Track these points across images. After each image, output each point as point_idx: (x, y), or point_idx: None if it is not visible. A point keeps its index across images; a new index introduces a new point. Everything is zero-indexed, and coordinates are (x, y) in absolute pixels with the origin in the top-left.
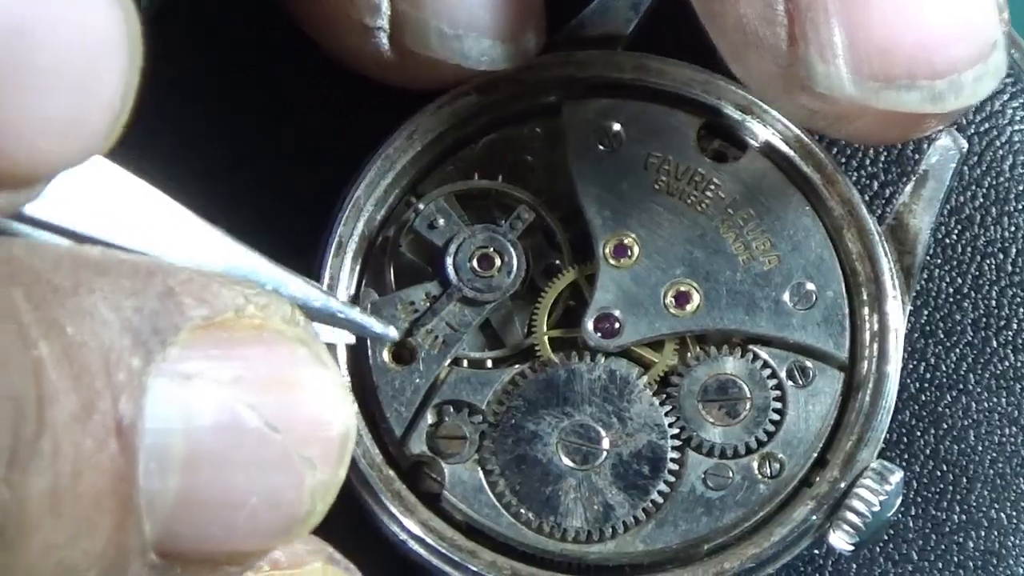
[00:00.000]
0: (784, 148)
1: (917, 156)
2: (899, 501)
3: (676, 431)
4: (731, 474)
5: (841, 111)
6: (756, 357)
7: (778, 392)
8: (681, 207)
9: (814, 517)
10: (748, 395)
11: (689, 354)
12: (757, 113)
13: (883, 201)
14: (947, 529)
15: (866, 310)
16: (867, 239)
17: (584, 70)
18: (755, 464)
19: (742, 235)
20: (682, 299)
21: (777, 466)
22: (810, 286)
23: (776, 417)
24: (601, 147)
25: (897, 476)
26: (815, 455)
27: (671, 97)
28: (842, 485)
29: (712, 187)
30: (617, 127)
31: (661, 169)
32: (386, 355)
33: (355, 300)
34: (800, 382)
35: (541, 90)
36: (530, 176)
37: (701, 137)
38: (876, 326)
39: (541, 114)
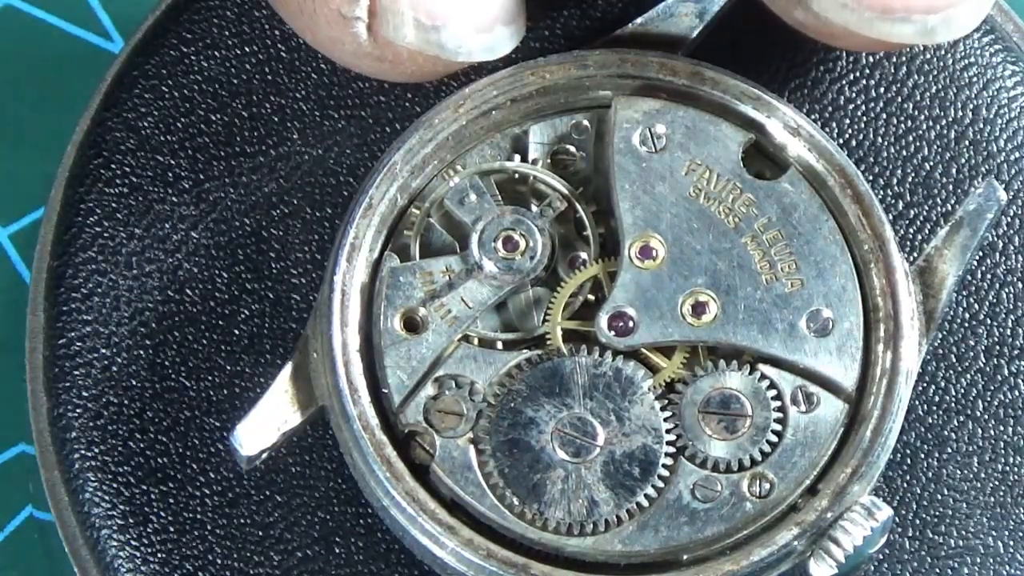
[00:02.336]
0: (825, 174)
1: (957, 203)
2: (884, 539)
3: (672, 438)
4: (720, 488)
5: (831, 32)
6: (763, 376)
7: (780, 414)
8: (713, 218)
9: (796, 543)
10: (749, 412)
11: (698, 364)
12: (803, 136)
13: (916, 242)
14: (943, 553)
15: (881, 346)
16: (893, 276)
17: (639, 70)
18: (745, 482)
19: (769, 254)
20: (699, 309)
21: (767, 487)
22: (828, 314)
23: (774, 439)
24: (644, 147)
25: (885, 514)
26: (807, 482)
27: (721, 108)
28: (829, 515)
29: (747, 202)
30: (663, 129)
31: (700, 177)
32: (397, 322)
33: (379, 262)
34: (803, 407)
35: (595, 84)
36: (571, 167)
37: (747, 153)
38: (888, 364)
39: (592, 107)
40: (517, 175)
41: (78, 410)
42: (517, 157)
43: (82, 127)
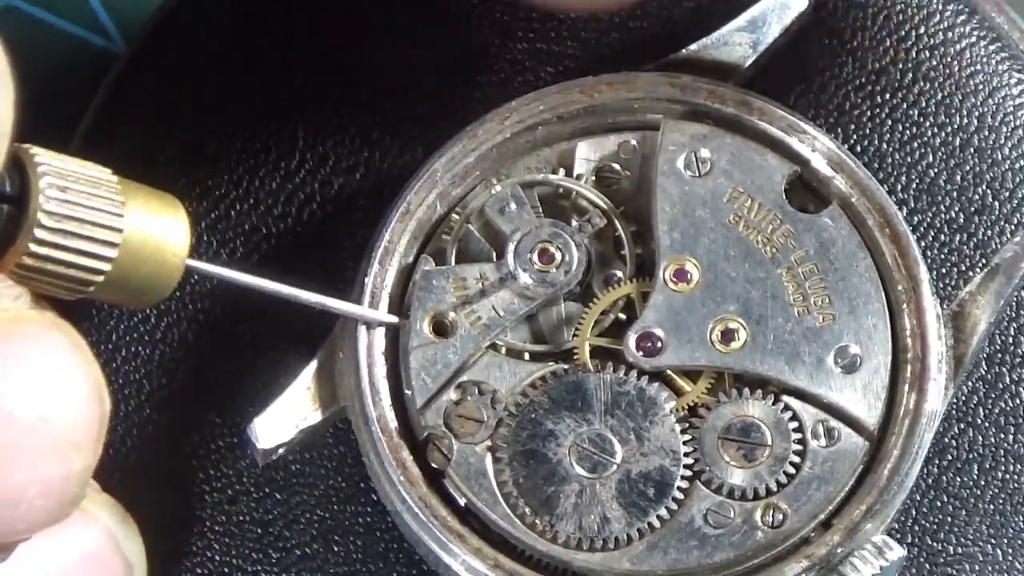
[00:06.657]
0: (864, 212)
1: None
2: None
3: (690, 462)
4: (732, 515)
5: None
6: (786, 407)
7: (800, 447)
8: (750, 246)
9: None
10: (769, 442)
11: (722, 390)
12: (847, 172)
13: (950, 285)
14: (942, 560)
15: (906, 387)
16: (924, 319)
17: (689, 95)
18: (759, 511)
19: (803, 287)
20: (728, 336)
21: (780, 517)
22: (857, 351)
23: (792, 470)
24: (688, 171)
25: (896, 554)
26: (821, 516)
27: (768, 139)
28: (840, 551)
29: (785, 234)
30: (709, 154)
31: (741, 205)
32: (426, 324)
33: (412, 267)
34: (824, 441)
35: (643, 107)
36: (615, 185)
37: (791, 185)
38: (912, 405)
39: (640, 128)
40: (561, 189)
41: None
42: (562, 171)
43: (82, 127)
